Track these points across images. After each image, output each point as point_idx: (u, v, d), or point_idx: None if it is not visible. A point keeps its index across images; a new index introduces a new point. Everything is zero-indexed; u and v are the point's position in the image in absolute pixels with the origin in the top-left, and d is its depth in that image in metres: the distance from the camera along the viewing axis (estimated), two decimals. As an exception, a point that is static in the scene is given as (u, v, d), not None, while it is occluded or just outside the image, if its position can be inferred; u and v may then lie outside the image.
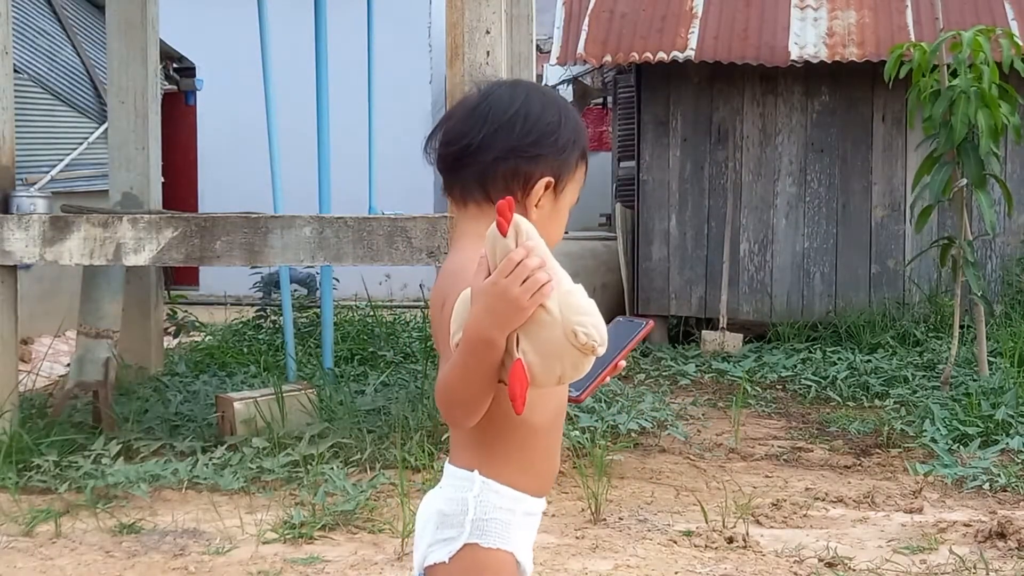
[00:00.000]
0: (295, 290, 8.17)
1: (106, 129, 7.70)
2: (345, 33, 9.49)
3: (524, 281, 1.56)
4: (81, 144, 9.66)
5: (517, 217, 1.59)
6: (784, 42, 8.40)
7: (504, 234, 1.58)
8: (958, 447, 5.55)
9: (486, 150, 1.79)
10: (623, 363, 1.83)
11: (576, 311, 1.60)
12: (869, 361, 7.45)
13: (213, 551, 4.18)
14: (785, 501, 4.77)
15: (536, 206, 1.81)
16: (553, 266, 1.60)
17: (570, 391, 1.83)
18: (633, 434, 5.75)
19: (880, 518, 4.61)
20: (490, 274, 1.60)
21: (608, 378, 1.83)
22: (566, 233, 9.84)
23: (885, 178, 8.61)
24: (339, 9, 8.73)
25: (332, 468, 4.87)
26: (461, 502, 1.81)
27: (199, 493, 4.82)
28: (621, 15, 8.80)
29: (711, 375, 7.56)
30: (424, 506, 1.88)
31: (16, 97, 6.19)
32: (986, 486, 4.97)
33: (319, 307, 7.57)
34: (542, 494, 1.88)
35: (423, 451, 5.10)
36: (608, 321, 1.72)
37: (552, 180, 1.81)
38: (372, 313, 8.53)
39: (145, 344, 7.02)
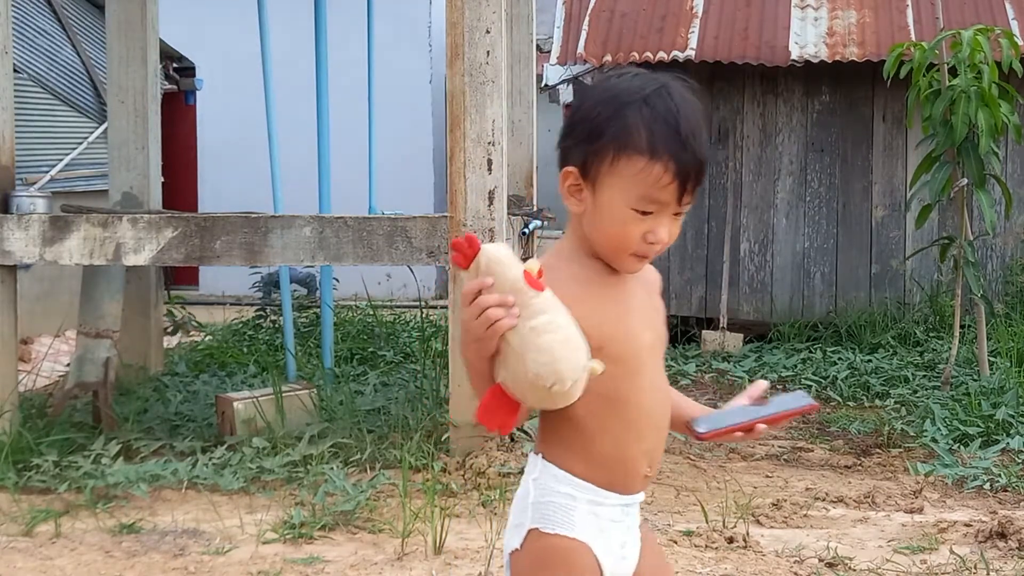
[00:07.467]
0: (295, 290, 8.16)
1: (106, 129, 7.70)
2: (345, 33, 9.48)
3: (480, 314, 1.60)
4: (81, 144, 9.65)
5: (483, 250, 1.61)
6: (784, 42, 8.40)
7: (463, 268, 1.62)
8: (959, 447, 5.55)
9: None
10: (763, 428, 1.82)
11: (533, 348, 1.60)
12: (869, 361, 7.45)
13: (213, 551, 4.17)
14: (785, 501, 4.76)
15: (573, 196, 1.78)
16: (524, 301, 1.60)
17: (697, 427, 1.80)
18: (633, 434, 5.73)
19: (880, 518, 4.60)
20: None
21: (739, 433, 1.82)
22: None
23: (885, 178, 8.61)
24: (339, 9, 8.73)
25: (332, 468, 4.86)
26: (524, 484, 1.82)
27: (199, 493, 4.82)
28: (621, 15, 8.80)
29: (711, 375, 7.56)
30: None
31: (16, 97, 6.19)
32: (987, 486, 4.96)
33: (319, 307, 7.56)
34: (615, 488, 1.81)
35: (423, 451, 5.10)
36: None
37: (574, 170, 1.77)
38: (372, 313, 8.53)
39: (145, 344, 7.02)
